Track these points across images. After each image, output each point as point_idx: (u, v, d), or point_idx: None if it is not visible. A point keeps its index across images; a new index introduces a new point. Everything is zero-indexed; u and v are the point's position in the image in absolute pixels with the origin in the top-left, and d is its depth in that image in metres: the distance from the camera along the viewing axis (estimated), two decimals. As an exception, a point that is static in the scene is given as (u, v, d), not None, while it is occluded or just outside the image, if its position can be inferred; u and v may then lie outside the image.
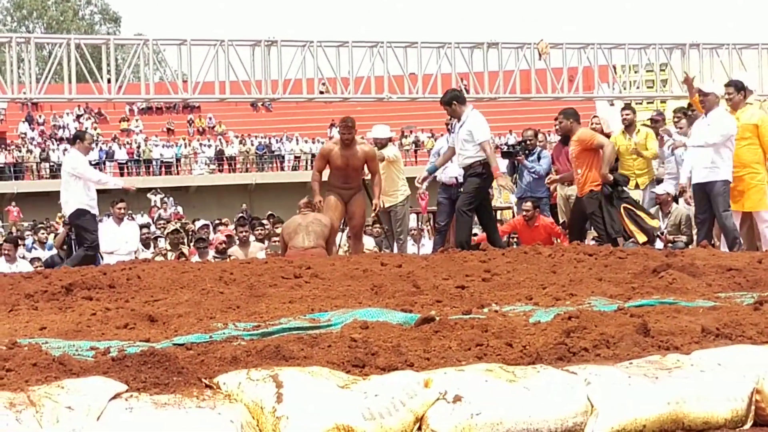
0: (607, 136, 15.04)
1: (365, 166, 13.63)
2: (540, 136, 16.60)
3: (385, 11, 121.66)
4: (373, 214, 14.39)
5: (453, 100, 13.14)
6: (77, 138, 14.92)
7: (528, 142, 15.94)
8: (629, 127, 14.85)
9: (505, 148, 17.40)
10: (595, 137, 12.93)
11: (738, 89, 12.71)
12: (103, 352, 5.36)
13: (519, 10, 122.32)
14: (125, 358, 4.89)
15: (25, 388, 4.34)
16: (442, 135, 15.18)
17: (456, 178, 14.35)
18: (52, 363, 4.84)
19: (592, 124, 15.34)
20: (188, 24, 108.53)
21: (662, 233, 14.17)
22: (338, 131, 13.81)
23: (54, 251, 18.54)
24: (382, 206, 13.83)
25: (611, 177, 12.68)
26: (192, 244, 17.08)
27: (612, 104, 43.80)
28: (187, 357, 5.11)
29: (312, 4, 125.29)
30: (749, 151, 12.51)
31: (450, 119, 13.63)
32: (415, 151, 52.72)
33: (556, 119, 14.45)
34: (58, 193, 14.82)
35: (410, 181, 14.58)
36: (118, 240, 16.21)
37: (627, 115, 15.05)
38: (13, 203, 43.57)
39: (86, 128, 55.38)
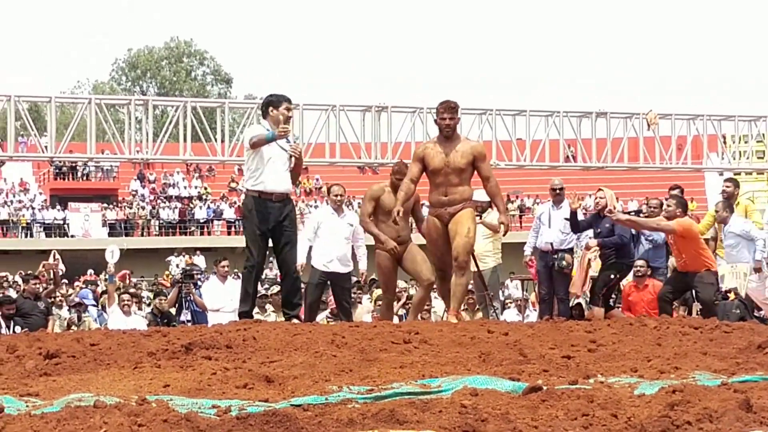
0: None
1: (473, 169, 11.42)
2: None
3: (495, 80, 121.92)
4: (501, 234, 12.29)
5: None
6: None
7: (653, 210, 15.40)
8: (729, 200, 14.54)
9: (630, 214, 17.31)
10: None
11: None
12: (225, 410, 5.61)
13: (628, 80, 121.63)
14: (249, 417, 5.15)
15: (157, 443, 4.64)
16: (547, 200, 14.97)
17: (551, 243, 13.90)
18: (180, 420, 5.11)
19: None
20: (296, 83, 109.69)
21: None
22: (436, 118, 11.68)
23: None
24: (508, 226, 11.50)
25: None
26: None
27: (721, 174, 43.59)
28: (306, 418, 5.35)
29: (423, 73, 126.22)
30: None
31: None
32: (520, 216, 52.75)
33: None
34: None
35: (515, 246, 14.02)
36: (224, 298, 16.51)
37: (727, 187, 14.86)
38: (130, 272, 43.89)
39: (195, 186, 56.71)
